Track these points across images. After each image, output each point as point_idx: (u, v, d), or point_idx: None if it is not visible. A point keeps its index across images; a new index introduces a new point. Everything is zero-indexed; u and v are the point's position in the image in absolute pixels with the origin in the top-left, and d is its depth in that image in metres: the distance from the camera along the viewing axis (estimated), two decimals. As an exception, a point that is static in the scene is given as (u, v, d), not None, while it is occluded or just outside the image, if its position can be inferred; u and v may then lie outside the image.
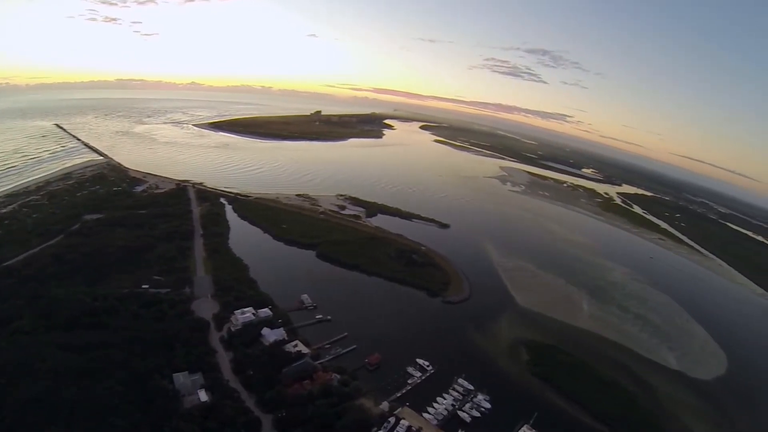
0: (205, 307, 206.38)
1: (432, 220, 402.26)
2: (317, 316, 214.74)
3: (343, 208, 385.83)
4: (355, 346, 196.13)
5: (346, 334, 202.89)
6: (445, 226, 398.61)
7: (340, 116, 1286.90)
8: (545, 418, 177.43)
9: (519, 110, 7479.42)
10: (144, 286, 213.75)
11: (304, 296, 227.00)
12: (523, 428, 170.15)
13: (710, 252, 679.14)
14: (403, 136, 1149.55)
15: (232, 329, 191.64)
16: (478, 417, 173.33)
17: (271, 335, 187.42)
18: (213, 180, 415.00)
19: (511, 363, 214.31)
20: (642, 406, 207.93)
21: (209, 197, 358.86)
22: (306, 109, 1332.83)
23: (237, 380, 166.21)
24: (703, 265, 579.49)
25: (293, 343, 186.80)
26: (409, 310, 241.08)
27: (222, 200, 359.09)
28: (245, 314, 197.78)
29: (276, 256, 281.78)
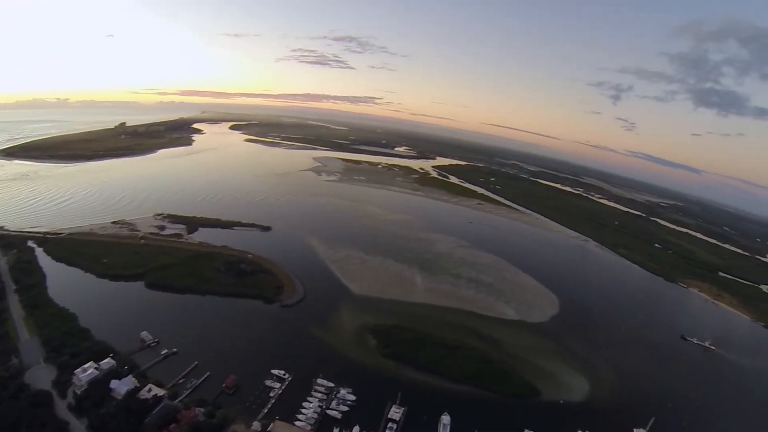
0: (41, 376, 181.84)
1: (253, 225, 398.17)
2: (162, 352, 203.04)
3: (162, 228, 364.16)
4: (209, 373, 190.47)
5: (196, 362, 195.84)
6: (267, 229, 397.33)
7: (147, 126, 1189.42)
8: (409, 393, 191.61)
9: (328, 98, 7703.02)
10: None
11: (144, 333, 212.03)
12: (392, 409, 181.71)
13: (526, 208, 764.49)
14: (213, 140, 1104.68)
15: (78, 392, 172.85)
16: (347, 411, 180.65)
17: (121, 387, 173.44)
18: (15, 221, 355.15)
19: (362, 351, 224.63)
20: (494, 358, 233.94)
21: (15, 242, 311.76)
22: (109, 121, 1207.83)
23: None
24: (521, 221, 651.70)
25: (146, 388, 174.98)
26: (250, 323, 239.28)
27: (30, 244, 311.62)
28: (87, 371, 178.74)
29: (104, 296, 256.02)
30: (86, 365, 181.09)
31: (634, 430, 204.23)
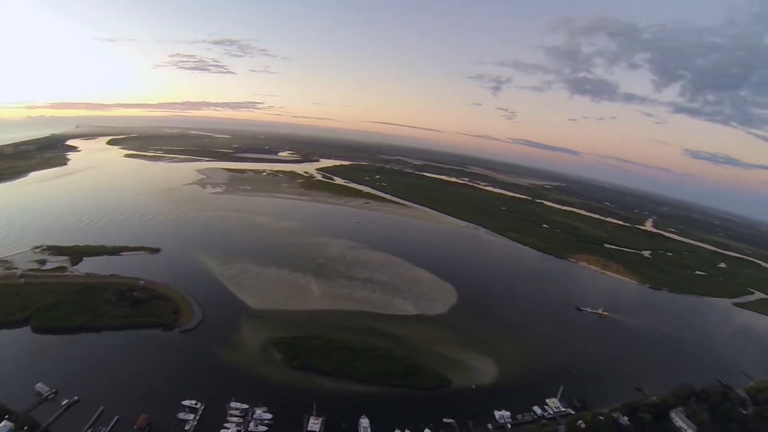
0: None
1: (141, 248, 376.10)
2: (63, 403, 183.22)
3: (43, 262, 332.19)
4: (117, 417, 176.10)
5: (102, 408, 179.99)
6: (156, 250, 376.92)
7: (15, 145, 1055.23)
8: (325, 402, 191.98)
9: (209, 105, 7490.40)
10: None
11: (39, 385, 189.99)
12: (310, 421, 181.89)
13: (413, 202, 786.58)
14: (91, 158, 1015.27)
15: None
16: (266, 430, 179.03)
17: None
18: None
19: (270, 367, 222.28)
20: (400, 355, 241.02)
21: None
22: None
23: None
24: (410, 216, 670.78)
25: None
26: (152, 354, 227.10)
27: None
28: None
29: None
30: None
31: (547, 400, 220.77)
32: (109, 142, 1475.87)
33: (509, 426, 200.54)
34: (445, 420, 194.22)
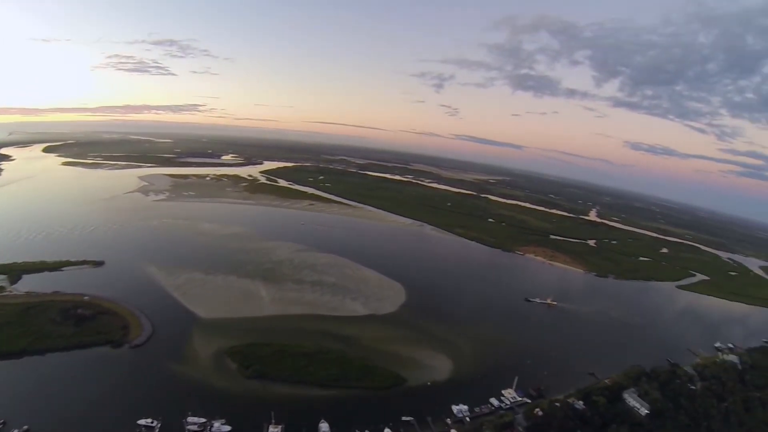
0: None
1: (84, 262, 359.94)
2: None
3: None
4: None
5: None
6: (99, 263, 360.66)
7: None
8: (282, 409, 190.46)
9: (149, 108, 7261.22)
10: None
11: None
12: (270, 429, 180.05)
13: (358, 202, 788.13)
14: (26, 167, 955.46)
15: None
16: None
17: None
18: None
19: (225, 377, 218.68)
20: (353, 356, 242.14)
21: None
22: None
23: None
24: (354, 216, 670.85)
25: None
26: (102, 373, 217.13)
27: None
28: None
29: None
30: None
31: (503, 391, 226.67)
32: (46, 150, 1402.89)
33: (468, 419, 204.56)
34: (404, 418, 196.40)
